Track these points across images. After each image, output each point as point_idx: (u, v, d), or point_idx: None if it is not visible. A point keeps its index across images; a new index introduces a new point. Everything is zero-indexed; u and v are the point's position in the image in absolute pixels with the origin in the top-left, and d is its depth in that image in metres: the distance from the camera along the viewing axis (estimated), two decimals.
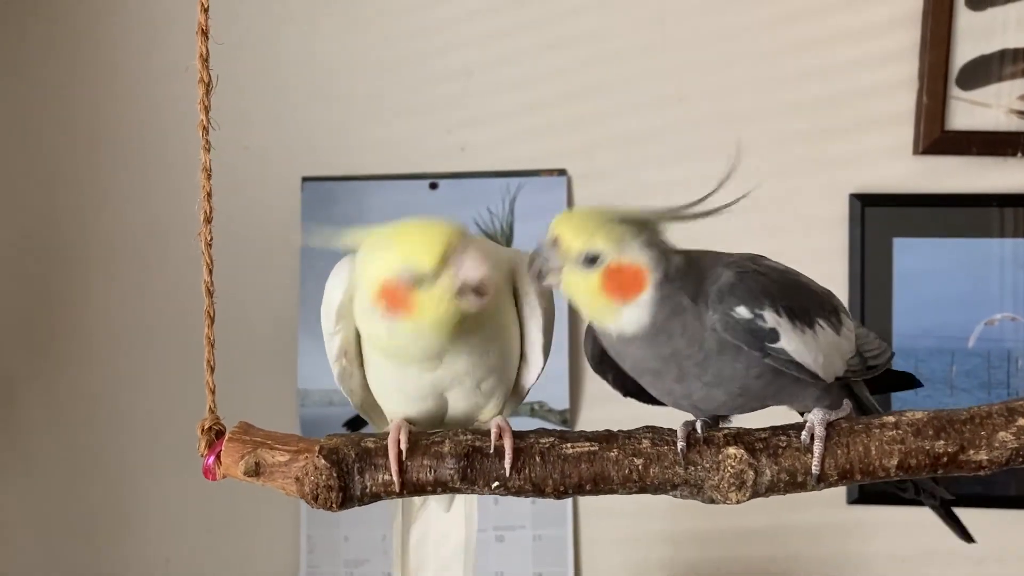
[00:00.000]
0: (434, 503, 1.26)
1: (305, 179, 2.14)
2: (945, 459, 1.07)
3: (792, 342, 1.07)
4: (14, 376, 2.20)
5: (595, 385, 2.12)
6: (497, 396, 1.17)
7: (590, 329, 1.16)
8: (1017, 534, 2.05)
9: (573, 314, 2.11)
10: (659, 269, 1.06)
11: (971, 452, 1.07)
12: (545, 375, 2.06)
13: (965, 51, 2.03)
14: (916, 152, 2.05)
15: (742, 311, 1.06)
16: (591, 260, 1.05)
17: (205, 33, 1.13)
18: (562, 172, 2.12)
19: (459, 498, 1.26)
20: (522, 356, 1.18)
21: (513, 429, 1.12)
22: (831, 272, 2.06)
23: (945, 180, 2.06)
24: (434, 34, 2.16)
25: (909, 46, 2.05)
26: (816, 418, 1.09)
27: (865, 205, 2.05)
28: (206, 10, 1.12)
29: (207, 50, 1.14)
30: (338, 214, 2.11)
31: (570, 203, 2.12)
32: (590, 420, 2.12)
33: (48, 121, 2.22)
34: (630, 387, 1.19)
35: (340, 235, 1.09)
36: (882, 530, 2.07)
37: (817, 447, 1.07)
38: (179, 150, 2.13)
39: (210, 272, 1.17)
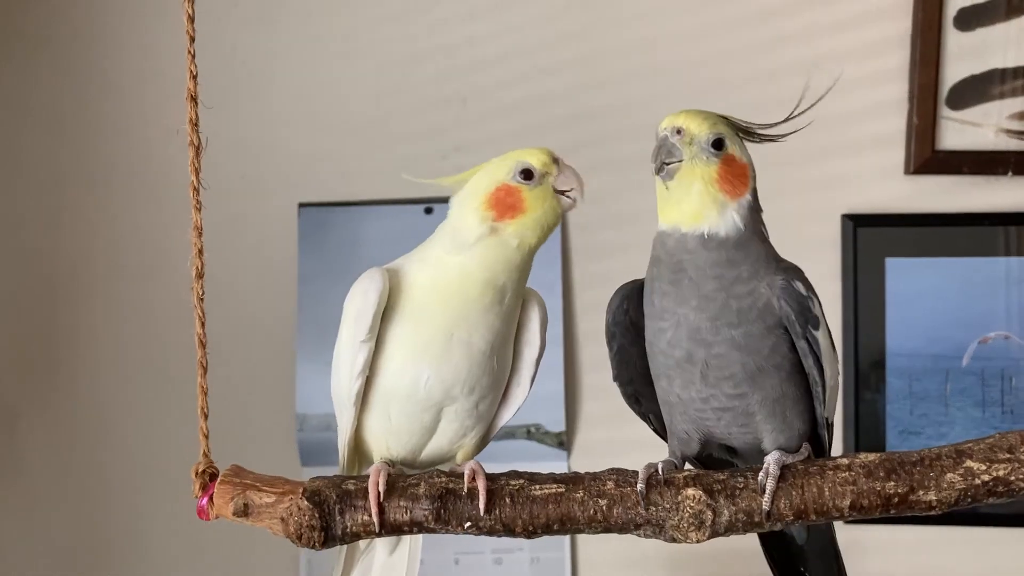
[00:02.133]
0: (380, 545, 1.31)
1: (302, 205, 2.16)
2: (896, 499, 1.11)
3: (824, 340, 1.13)
4: (15, 405, 2.22)
5: (591, 408, 2.14)
6: (479, 429, 1.24)
7: (620, 292, 1.21)
8: (1009, 552, 2.06)
9: (568, 338, 2.13)
10: (754, 180, 1.15)
11: (920, 493, 1.10)
12: (541, 398, 2.09)
13: (955, 71, 2.05)
14: (907, 172, 2.06)
15: (800, 287, 1.13)
16: (717, 144, 1.13)
17: (194, 99, 1.21)
18: None
19: (404, 540, 1.31)
20: (505, 393, 1.25)
21: (486, 471, 1.17)
22: (824, 293, 2.03)
23: (936, 200, 2.07)
24: (428, 62, 2.18)
25: (899, 67, 2.06)
26: (772, 458, 1.12)
27: (857, 226, 2.06)
28: (195, 77, 1.21)
29: (197, 115, 1.21)
30: (334, 239, 2.13)
31: (563, 226, 2.13)
32: (586, 442, 2.13)
33: (49, 151, 2.24)
34: (630, 368, 1.23)
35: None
36: (878, 549, 2.08)
37: (770, 484, 1.10)
38: (182, 181, 2.15)
39: (202, 325, 1.23)
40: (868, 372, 2.05)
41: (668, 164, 1.12)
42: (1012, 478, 1.10)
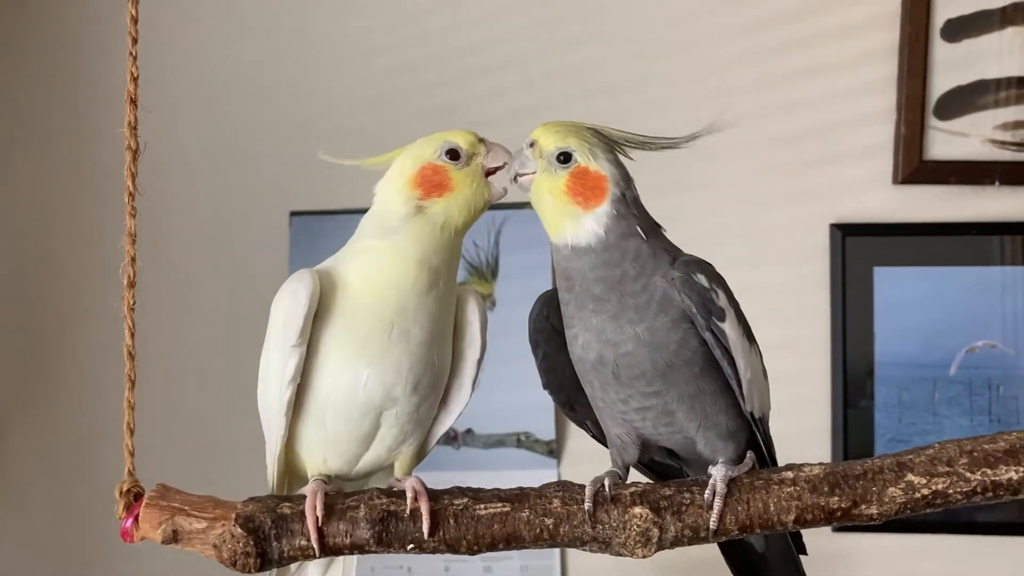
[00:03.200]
0: (311, 567, 1.27)
1: (293, 214, 2.16)
2: (839, 513, 1.11)
3: (733, 332, 1.13)
4: (5, 416, 2.21)
5: None
6: (418, 435, 1.20)
7: (540, 299, 1.21)
8: (997, 561, 2.07)
9: None
10: (619, 187, 1.14)
11: (863, 507, 1.11)
12: (531, 406, 2.10)
13: (942, 82, 2.06)
14: (895, 182, 2.07)
15: (701, 279, 1.12)
16: (564, 158, 1.13)
17: (134, 101, 1.16)
18: None
19: (336, 562, 1.27)
20: (442, 399, 1.21)
21: (428, 488, 1.14)
22: (813, 301, 2.09)
23: (924, 209, 2.08)
24: (420, 72, 2.19)
25: (887, 78, 2.08)
26: (719, 474, 1.12)
27: (846, 235, 2.07)
28: (135, 79, 1.16)
29: (135, 118, 1.16)
30: (325, 248, 2.12)
31: None
32: (575, 450, 2.14)
33: (39, 160, 2.25)
34: (559, 375, 1.22)
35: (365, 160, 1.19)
36: (868, 558, 2.09)
37: (717, 504, 1.10)
38: (173, 189, 2.16)
39: (132, 336, 1.18)
40: (857, 381, 2.06)
41: (521, 175, 1.15)
42: (950, 491, 1.11)
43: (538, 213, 1.15)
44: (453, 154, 1.16)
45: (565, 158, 1.13)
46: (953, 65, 2.05)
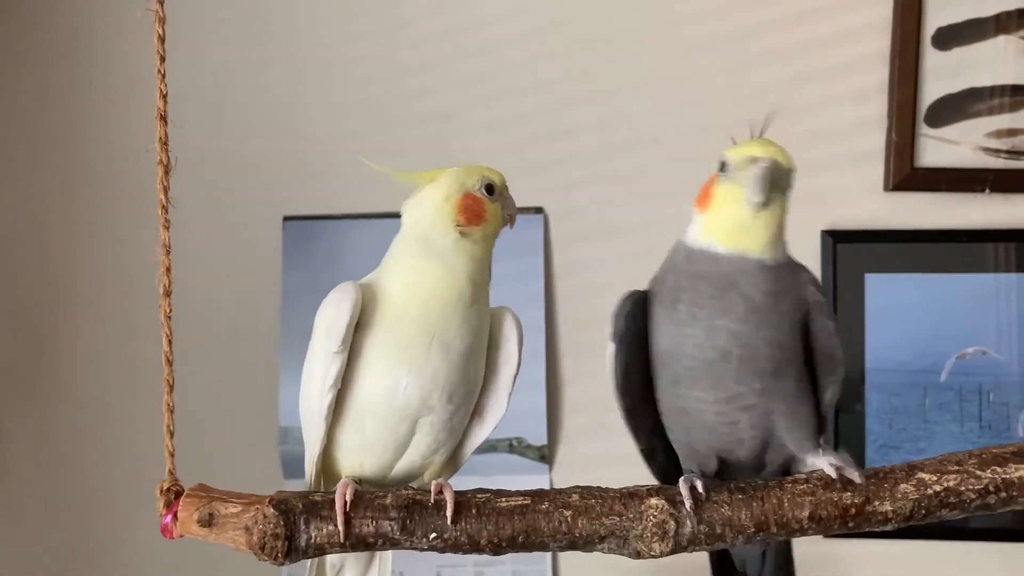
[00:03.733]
0: (349, 566, 1.32)
1: (286, 218, 2.17)
2: (853, 510, 1.14)
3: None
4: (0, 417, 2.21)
5: (573, 422, 2.15)
6: (450, 444, 1.25)
7: (630, 299, 1.23)
8: (984, 566, 2.08)
9: (551, 352, 2.14)
10: None
11: (876, 503, 1.13)
12: (523, 411, 2.10)
13: (933, 89, 2.07)
14: (886, 189, 2.08)
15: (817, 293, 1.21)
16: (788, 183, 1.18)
17: (164, 118, 1.20)
18: (539, 210, 2.15)
19: (374, 564, 1.32)
20: (476, 412, 1.28)
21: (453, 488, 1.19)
22: None
23: (915, 216, 2.09)
24: (412, 77, 2.19)
25: (878, 85, 2.09)
26: (828, 459, 1.17)
27: (837, 242, 2.08)
28: (164, 96, 1.20)
29: (166, 134, 1.20)
30: (318, 253, 2.14)
31: (547, 241, 2.15)
32: (568, 456, 2.14)
33: (30, 167, 2.25)
34: (631, 380, 1.24)
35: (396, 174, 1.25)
36: (861, 564, 2.09)
37: (858, 475, 1.14)
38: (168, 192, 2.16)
39: (170, 343, 1.23)
40: (848, 387, 2.06)
41: (770, 195, 1.16)
42: (962, 488, 1.13)
43: (752, 228, 1.16)
44: (490, 189, 1.24)
45: (789, 182, 1.18)
46: (944, 73, 2.06)
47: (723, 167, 1.19)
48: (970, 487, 1.13)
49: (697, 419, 1.20)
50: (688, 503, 1.13)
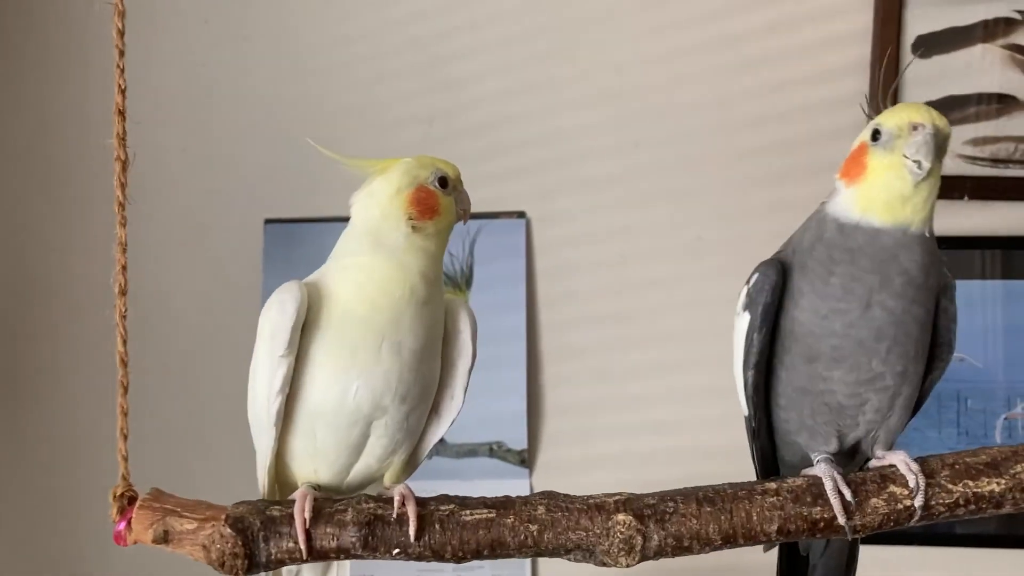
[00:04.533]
0: (307, 571, 1.28)
1: (267, 221, 2.16)
2: (822, 524, 1.12)
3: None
4: None
5: (553, 426, 2.15)
6: (408, 445, 1.21)
7: (772, 274, 1.19)
8: (978, 573, 2.09)
9: (531, 355, 2.14)
10: None
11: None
12: (504, 415, 2.10)
13: (913, 97, 2.07)
14: None
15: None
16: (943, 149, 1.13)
17: (122, 113, 1.17)
18: (521, 215, 2.16)
19: (332, 565, 1.28)
20: (432, 409, 1.23)
21: (415, 495, 1.15)
22: None
23: None
24: (395, 82, 2.19)
25: (860, 92, 2.09)
26: (899, 458, 1.16)
27: None
28: (123, 91, 1.16)
29: (124, 129, 1.17)
30: (300, 255, 2.13)
31: (529, 245, 2.15)
32: (548, 460, 2.14)
33: (17, 167, 2.23)
34: (761, 360, 1.20)
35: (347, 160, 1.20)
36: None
37: (921, 480, 1.12)
38: (147, 196, 2.15)
39: (124, 343, 1.20)
40: None
41: (928, 164, 1.12)
42: (933, 502, 1.12)
43: (911, 200, 1.13)
44: (443, 182, 1.18)
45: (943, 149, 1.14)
46: (924, 81, 2.07)
47: (876, 136, 1.14)
48: (941, 502, 1.12)
49: (823, 400, 1.16)
50: (849, 497, 1.11)
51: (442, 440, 2.13)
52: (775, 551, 1.35)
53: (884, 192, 1.12)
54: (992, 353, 2.07)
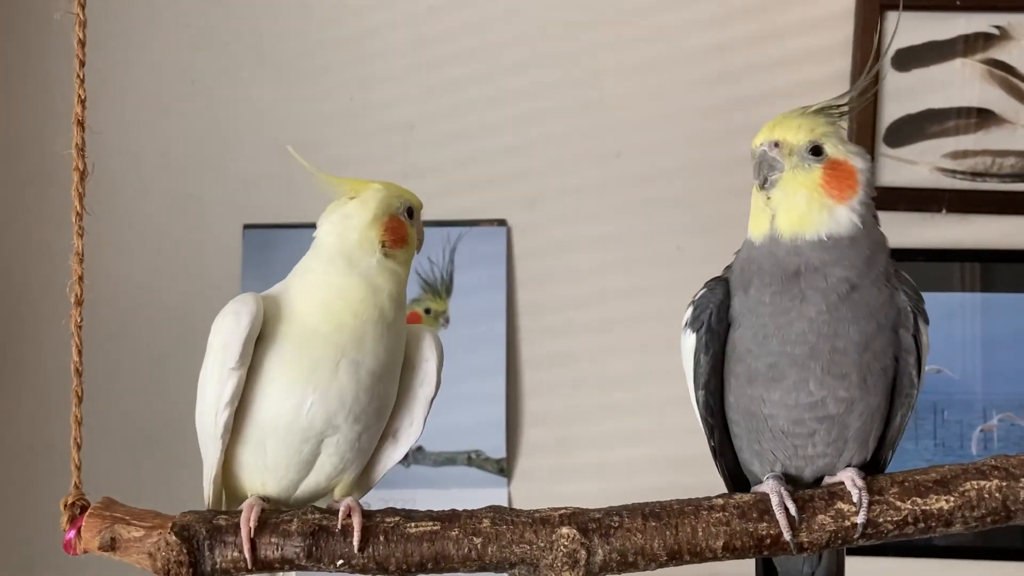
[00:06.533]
0: None
1: (247, 226, 2.16)
2: (768, 540, 1.11)
3: (926, 340, 1.17)
4: None
5: (532, 435, 2.15)
6: (358, 464, 1.21)
7: (714, 295, 1.18)
8: None
9: (511, 363, 2.14)
10: (866, 175, 1.15)
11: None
12: (483, 424, 2.10)
13: (892, 110, 2.09)
14: None
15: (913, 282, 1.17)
16: (816, 151, 1.13)
17: (81, 123, 1.16)
18: (502, 222, 2.16)
19: None
20: (389, 433, 1.23)
21: (362, 508, 1.16)
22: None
23: None
24: (377, 87, 2.19)
25: None
26: (847, 475, 1.14)
27: None
28: (83, 101, 1.16)
29: (83, 139, 1.16)
30: (279, 261, 2.12)
31: (509, 253, 2.15)
32: (527, 469, 2.14)
33: None
34: (710, 377, 1.19)
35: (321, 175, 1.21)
36: None
37: (865, 497, 1.11)
38: (125, 201, 2.15)
39: (80, 354, 1.19)
40: None
41: (770, 177, 1.14)
42: (880, 520, 1.12)
43: (778, 208, 1.13)
44: (410, 212, 1.23)
45: (816, 151, 1.13)
46: (903, 94, 2.08)
47: None
48: (888, 519, 1.12)
49: (767, 425, 1.16)
50: (793, 511, 1.10)
51: (420, 448, 2.16)
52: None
53: (755, 208, 1.16)
54: (969, 365, 2.08)
